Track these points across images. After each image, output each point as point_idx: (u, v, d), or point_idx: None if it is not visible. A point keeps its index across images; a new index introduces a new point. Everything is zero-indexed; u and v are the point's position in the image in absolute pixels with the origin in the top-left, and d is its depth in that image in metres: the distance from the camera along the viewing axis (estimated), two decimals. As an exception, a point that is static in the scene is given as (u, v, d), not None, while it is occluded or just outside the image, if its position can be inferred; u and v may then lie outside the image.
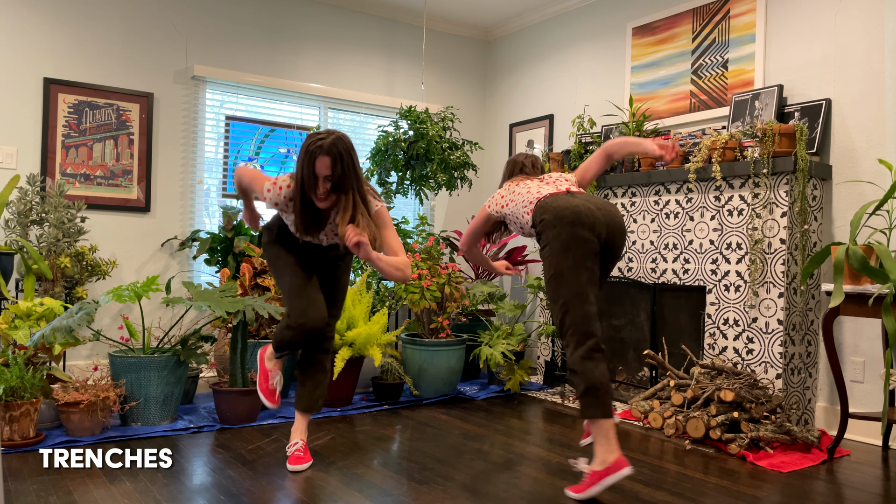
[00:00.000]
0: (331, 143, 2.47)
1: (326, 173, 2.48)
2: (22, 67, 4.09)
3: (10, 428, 2.91)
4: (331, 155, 2.46)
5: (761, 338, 3.51)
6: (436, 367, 4.07)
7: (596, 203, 2.60)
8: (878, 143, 3.43)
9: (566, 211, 2.54)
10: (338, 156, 2.47)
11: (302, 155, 2.50)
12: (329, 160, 2.46)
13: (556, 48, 5.28)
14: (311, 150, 2.47)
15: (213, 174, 4.70)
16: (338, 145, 2.48)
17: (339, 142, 2.49)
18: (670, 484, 2.68)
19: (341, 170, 2.48)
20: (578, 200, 2.59)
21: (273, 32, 4.92)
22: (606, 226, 2.56)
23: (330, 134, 2.51)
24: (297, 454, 2.78)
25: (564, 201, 2.59)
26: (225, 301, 3.38)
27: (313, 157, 2.47)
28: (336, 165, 2.47)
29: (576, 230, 2.51)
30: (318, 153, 2.46)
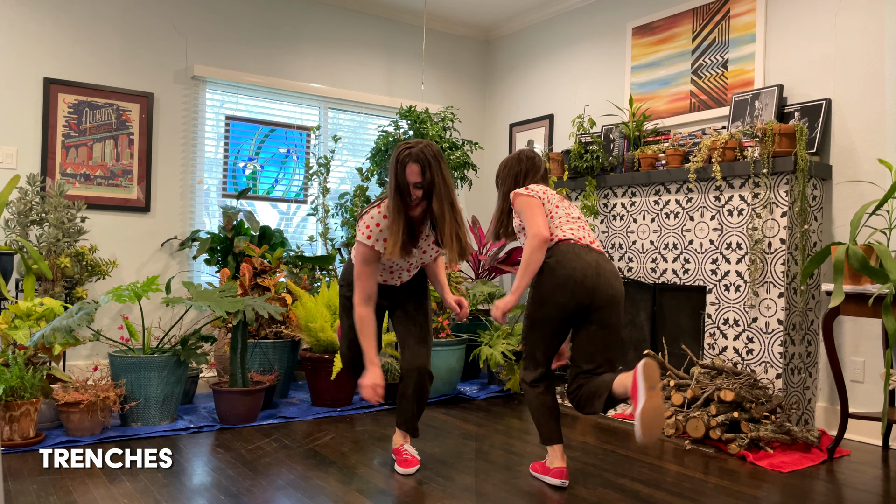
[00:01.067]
0: (419, 151, 2.58)
1: (416, 180, 2.58)
2: (22, 67, 4.09)
3: (10, 428, 2.91)
4: (419, 162, 2.57)
5: (761, 338, 3.51)
6: (436, 367, 4.07)
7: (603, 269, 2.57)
8: (878, 143, 3.43)
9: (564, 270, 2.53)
10: (426, 162, 2.58)
11: (393, 164, 2.61)
12: (418, 167, 2.57)
13: (556, 48, 5.28)
14: (401, 159, 2.58)
15: (213, 174, 4.70)
16: (425, 152, 2.59)
17: (427, 149, 2.60)
18: (670, 484, 2.68)
19: (430, 176, 2.59)
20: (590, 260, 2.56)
21: (273, 32, 4.92)
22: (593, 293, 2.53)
23: (419, 142, 2.62)
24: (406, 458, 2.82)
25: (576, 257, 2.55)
26: (225, 301, 3.38)
27: (403, 164, 2.58)
28: (425, 172, 2.58)
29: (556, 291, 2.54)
30: (407, 160, 2.57)
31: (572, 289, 2.52)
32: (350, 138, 5.26)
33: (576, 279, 2.51)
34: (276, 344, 3.96)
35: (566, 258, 2.55)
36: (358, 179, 5.29)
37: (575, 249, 2.58)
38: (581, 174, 4.40)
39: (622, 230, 4.25)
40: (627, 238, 4.21)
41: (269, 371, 3.94)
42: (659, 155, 4.07)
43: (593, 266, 2.54)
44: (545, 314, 2.58)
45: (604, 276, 2.55)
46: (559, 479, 2.60)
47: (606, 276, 2.56)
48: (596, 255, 2.60)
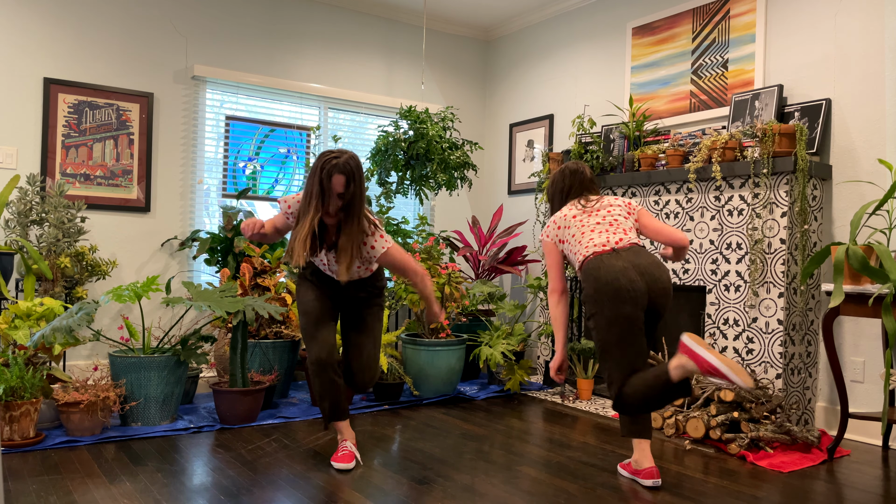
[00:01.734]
0: (345, 162, 2.58)
1: (340, 191, 2.58)
2: (22, 67, 4.09)
3: (10, 428, 2.91)
4: (345, 173, 2.57)
5: (761, 338, 3.51)
6: (436, 367, 4.07)
7: (640, 266, 2.55)
8: (878, 143, 3.43)
9: (607, 287, 2.51)
10: (351, 174, 2.58)
11: (317, 171, 2.59)
12: (344, 179, 2.57)
13: (556, 48, 5.28)
14: (328, 168, 2.57)
15: (213, 174, 4.70)
16: (350, 164, 2.59)
17: (351, 161, 2.61)
18: (670, 484, 2.68)
19: (353, 189, 2.60)
20: (621, 264, 2.54)
21: (273, 32, 4.92)
22: (649, 293, 2.54)
23: (343, 153, 2.62)
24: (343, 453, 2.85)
25: (606, 269, 2.53)
26: (225, 301, 3.38)
27: (330, 174, 2.57)
28: (349, 184, 2.58)
29: (618, 308, 2.50)
30: (333, 171, 2.57)
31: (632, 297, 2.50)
32: (350, 138, 5.26)
33: (623, 284, 2.50)
34: (276, 344, 3.97)
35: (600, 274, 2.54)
36: (358, 179, 5.30)
37: (601, 261, 2.56)
38: (581, 174, 4.40)
39: (622, 230, 4.25)
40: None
41: (269, 371, 3.94)
42: (659, 155, 4.08)
43: (630, 268, 2.53)
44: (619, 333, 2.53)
45: (648, 273, 2.54)
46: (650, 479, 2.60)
47: (651, 271, 2.55)
48: (625, 256, 2.56)
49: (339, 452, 2.83)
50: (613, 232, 2.67)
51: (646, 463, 2.63)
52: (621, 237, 2.65)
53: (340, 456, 2.80)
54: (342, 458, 2.79)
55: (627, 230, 2.70)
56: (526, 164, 5.50)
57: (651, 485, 2.60)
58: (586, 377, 4.24)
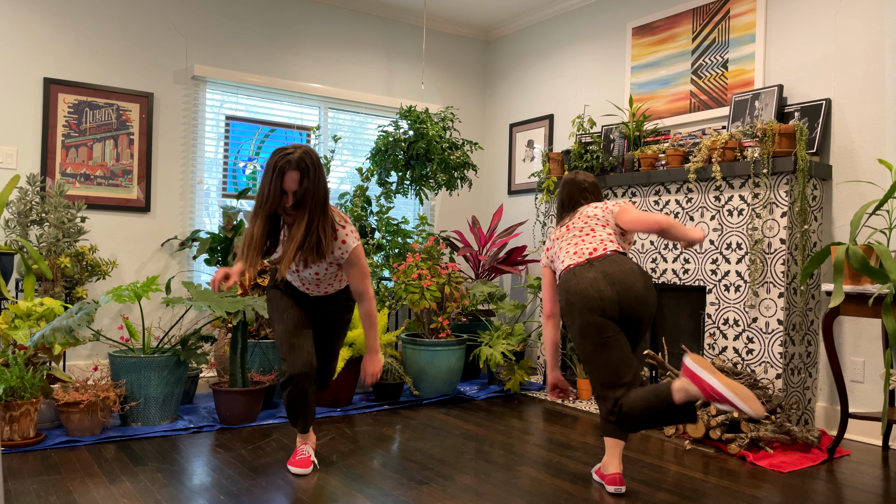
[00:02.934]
0: (299, 158, 2.48)
1: (294, 188, 2.48)
2: (22, 67, 4.09)
3: (10, 428, 2.91)
4: (299, 169, 2.47)
5: (761, 338, 3.51)
6: (436, 367, 4.07)
7: (612, 275, 2.49)
8: (878, 143, 3.43)
9: (575, 297, 2.50)
10: (305, 170, 2.48)
11: (269, 170, 2.49)
12: (297, 175, 2.47)
13: (556, 48, 5.28)
14: (280, 165, 2.46)
15: (213, 174, 4.70)
16: (306, 160, 2.48)
17: (307, 156, 2.49)
18: (670, 484, 2.68)
19: (307, 185, 2.48)
20: (592, 275, 2.50)
21: (273, 32, 4.92)
22: (620, 302, 2.47)
23: (297, 148, 2.51)
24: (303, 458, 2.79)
25: (577, 280, 2.51)
26: (225, 301, 3.38)
27: (282, 171, 2.46)
28: (303, 180, 2.48)
29: (585, 318, 2.48)
30: (287, 168, 2.46)
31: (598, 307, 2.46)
32: (350, 138, 5.26)
33: (591, 294, 2.47)
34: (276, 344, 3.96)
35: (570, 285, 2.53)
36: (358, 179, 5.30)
37: (574, 273, 2.54)
38: (581, 174, 4.40)
39: (622, 230, 4.25)
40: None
41: (269, 371, 3.94)
42: (659, 155, 4.08)
43: (601, 278, 2.49)
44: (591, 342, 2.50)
45: (618, 281, 2.48)
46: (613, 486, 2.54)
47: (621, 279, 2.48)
48: (598, 266, 2.52)
49: (297, 456, 2.77)
50: (589, 242, 2.62)
51: (611, 468, 2.55)
52: (596, 247, 2.60)
53: (299, 460, 2.75)
54: (301, 462, 2.74)
55: (605, 238, 2.64)
56: (526, 164, 5.50)
57: (614, 491, 2.53)
58: (586, 377, 4.24)
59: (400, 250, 4.65)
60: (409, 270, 4.17)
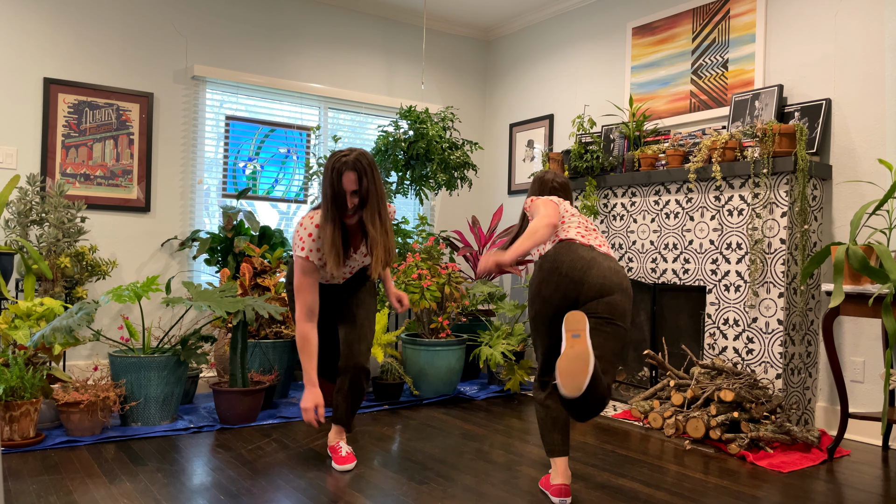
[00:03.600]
0: (355, 159, 2.62)
1: (353, 188, 2.62)
2: (22, 67, 4.09)
3: (10, 428, 2.91)
4: (356, 170, 2.61)
5: (761, 338, 3.51)
6: (436, 367, 4.07)
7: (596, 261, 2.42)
8: (878, 143, 3.43)
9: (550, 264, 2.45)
10: (363, 171, 2.62)
11: (328, 173, 2.63)
12: (355, 175, 2.61)
13: (556, 48, 5.28)
14: (338, 167, 2.61)
15: (213, 174, 4.70)
16: (361, 161, 2.63)
17: (362, 157, 2.64)
18: (670, 484, 2.68)
19: (367, 184, 2.63)
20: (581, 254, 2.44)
21: (273, 32, 4.92)
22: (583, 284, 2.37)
23: (353, 151, 2.65)
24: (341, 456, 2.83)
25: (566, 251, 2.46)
26: (225, 301, 3.38)
27: (340, 173, 2.60)
28: (362, 180, 2.62)
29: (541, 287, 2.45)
30: (343, 169, 2.60)
31: (555, 280, 2.40)
32: (350, 138, 5.26)
33: (561, 271, 2.41)
34: (276, 344, 3.97)
35: (558, 253, 2.47)
36: (358, 179, 5.30)
37: (572, 246, 2.48)
38: (581, 174, 4.40)
39: (622, 230, 4.25)
40: (627, 238, 4.22)
41: (269, 371, 3.94)
42: (659, 155, 4.08)
43: (586, 260, 2.41)
44: (535, 311, 2.50)
45: (597, 269, 2.38)
46: (558, 497, 2.42)
47: (600, 270, 2.39)
48: (595, 253, 2.46)
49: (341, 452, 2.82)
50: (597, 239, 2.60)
51: (557, 479, 2.45)
52: (601, 243, 2.58)
53: (344, 457, 2.80)
54: (346, 459, 2.79)
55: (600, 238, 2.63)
56: (526, 164, 5.50)
57: (558, 502, 2.42)
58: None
59: (400, 250, 4.66)
60: (409, 270, 4.17)
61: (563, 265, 2.43)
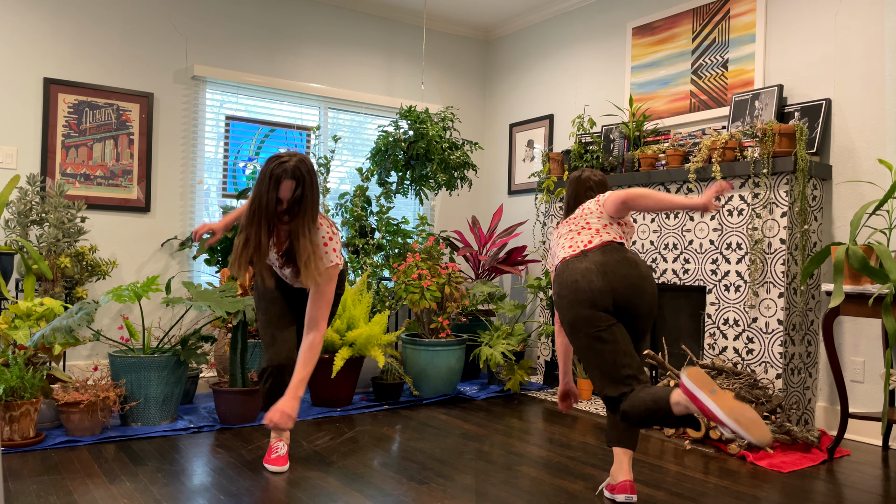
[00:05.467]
0: (294, 166, 2.51)
1: (288, 196, 2.52)
2: (22, 67, 4.09)
3: (10, 428, 2.91)
4: (294, 178, 2.51)
5: (761, 338, 3.51)
6: (436, 367, 4.07)
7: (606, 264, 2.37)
8: (878, 143, 3.43)
9: (565, 290, 2.39)
10: (301, 178, 2.52)
11: (265, 177, 2.51)
12: (292, 183, 2.51)
13: (556, 48, 5.28)
14: (276, 174, 2.50)
15: (213, 174, 4.70)
16: (301, 168, 2.52)
17: (302, 164, 2.53)
18: (670, 484, 2.68)
19: (301, 193, 2.53)
20: (584, 266, 2.38)
21: (273, 32, 4.92)
22: (613, 292, 2.34)
23: (293, 156, 2.54)
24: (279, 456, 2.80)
25: (569, 272, 2.41)
26: (225, 301, 3.38)
27: (279, 179, 2.50)
28: (297, 188, 2.52)
29: (575, 311, 2.36)
30: (283, 176, 2.50)
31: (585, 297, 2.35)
32: (350, 138, 5.26)
33: (581, 286, 2.35)
34: (276, 344, 3.96)
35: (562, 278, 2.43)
36: (358, 179, 5.30)
37: (566, 265, 2.44)
38: (581, 174, 4.40)
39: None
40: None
41: (269, 371, 3.93)
42: (659, 155, 4.08)
43: (593, 269, 2.37)
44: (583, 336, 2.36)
45: (612, 270, 2.35)
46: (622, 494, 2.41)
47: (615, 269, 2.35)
48: (592, 257, 2.41)
49: (273, 454, 2.77)
50: (585, 235, 2.51)
51: (620, 476, 2.44)
52: (591, 238, 2.48)
53: (276, 458, 2.75)
54: (277, 460, 2.75)
55: (600, 229, 2.51)
56: (526, 164, 5.50)
57: (624, 500, 2.41)
58: (586, 377, 4.24)
59: (400, 250, 4.66)
60: (409, 270, 4.17)
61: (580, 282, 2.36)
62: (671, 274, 3.97)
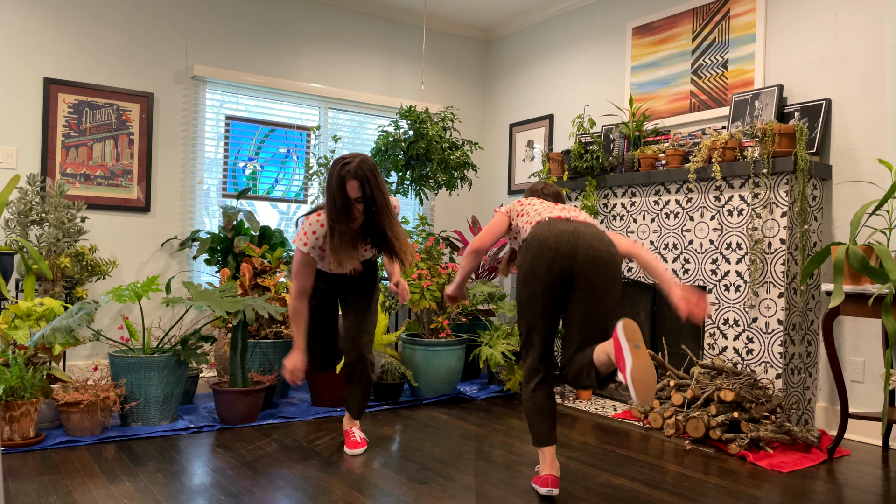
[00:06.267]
0: (356, 167, 2.67)
1: (357, 195, 2.68)
2: (22, 67, 4.09)
3: (10, 428, 2.91)
4: (358, 178, 2.67)
5: (761, 338, 3.51)
6: (436, 367, 4.07)
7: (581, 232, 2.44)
8: (878, 143, 3.43)
9: (536, 242, 2.46)
10: (364, 178, 2.68)
11: (333, 180, 2.69)
12: (357, 183, 2.67)
13: (556, 48, 5.28)
14: (341, 175, 2.67)
15: (213, 174, 4.70)
16: (363, 167, 2.68)
17: (363, 164, 2.69)
18: (670, 484, 2.68)
19: (370, 191, 2.69)
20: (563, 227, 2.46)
21: (273, 32, 4.92)
22: (575, 256, 2.40)
23: (354, 157, 2.70)
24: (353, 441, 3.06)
25: (548, 227, 2.48)
26: (225, 301, 3.38)
27: (343, 181, 2.66)
28: (365, 187, 2.68)
29: (534, 266, 2.43)
30: (347, 178, 2.66)
31: (549, 257, 2.41)
32: (350, 138, 5.26)
33: (549, 246, 2.41)
34: (276, 344, 3.97)
35: (539, 233, 2.48)
36: (358, 179, 5.29)
37: (549, 224, 2.50)
38: (581, 174, 4.40)
39: (622, 230, 4.25)
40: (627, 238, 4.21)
41: (269, 371, 3.94)
42: (659, 155, 4.08)
43: (569, 232, 2.43)
44: (528, 292, 2.46)
45: (583, 238, 2.42)
46: (544, 487, 2.47)
47: (586, 239, 2.42)
48: (574, 224, 2.48)
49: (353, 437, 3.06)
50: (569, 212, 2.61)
51: (545, 469, 2.50)
52: (578, 214, 2.60)
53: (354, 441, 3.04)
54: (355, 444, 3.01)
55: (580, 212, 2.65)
56: (526, 164, 5.50)
57: (545, 493, 2.47)
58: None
59: (400, 250, 4.65)
60: (409, 270, 4.17)
61: (550, 240, 2.44)
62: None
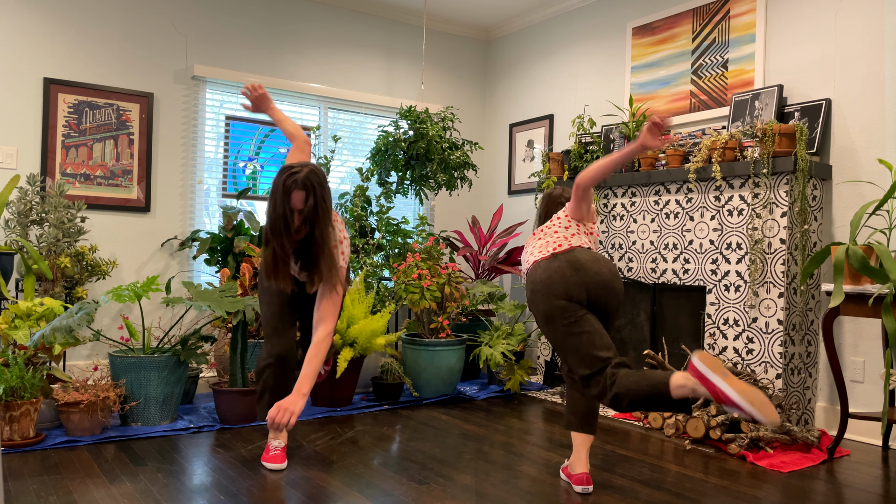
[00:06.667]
0: (305, 177, 2.53)
1: (300, 207, 2.54)
2: (22, 67, 4.09)
3: (10, 428, 2.91)
4: (305, 188, 2.53)
5: (761, 338, 3.51)
6: (436, 367, 4.07)
7: (577, 262, 2.48)
8: (878, 143, 3.43)
9: (539, 285, 2.49)
10: (311, 188, 2.53)
11: (277, 190, 2.54)
12: (303, 194, 2.53)
13: (556, 48, 5.28)
14: (287, 185, 2.52)
15: (213, 174, 4.70)
16: (311, 178, 2.54)
17: (312, 175, 2.55)
18: (670, 484, 2.68)
19: (313, 202, 2.54)
20: (556, 265, 2.49)
21: (273, 32, 4.92)
22: (586, 286, 2.45)
23: (304, 167, 2.57)
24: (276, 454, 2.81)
25: (542, 270, 2.51)
26: (225, 301, 3.38)
27: (288, 190, 2.52)
28: (308, 198, 2.53)
29: (550, 302, 2.45)
30: (293, 187, 2.52)
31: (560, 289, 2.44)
32: (350, 138, 5.26)
33: (555, 279, 2.45)
34: (276, 344, 3.96)
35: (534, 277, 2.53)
36: (358, 179, 5.30)
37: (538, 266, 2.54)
38: (581, 174, 4.40)
39: (622, 230, 4.25)
40: (627, 238, 4.22)
41: (269, 371, 3.93)
42: (659, 155, 4.08)
43: (565, 266, 2.47)
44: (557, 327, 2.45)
45: (583, 267, 2.46)
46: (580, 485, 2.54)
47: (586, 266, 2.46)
48: (562, 257, 2.50)
49: (270, 452, 2.80)
50: (554, 241, 2.61)
51: (578, 467, 2.55)
52: (560, 243, 2.59)
53: (272, 456, 2.78)
54: (274, 458, 2.77)
55: (568, 237, 2.62)
56: (526, 164, 5.50)
57: (581, 491, 2.52)
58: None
59: (400, 250, 4.65)
60: (409, 270, 4.17)
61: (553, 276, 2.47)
62: (671, 274, 3.96)
